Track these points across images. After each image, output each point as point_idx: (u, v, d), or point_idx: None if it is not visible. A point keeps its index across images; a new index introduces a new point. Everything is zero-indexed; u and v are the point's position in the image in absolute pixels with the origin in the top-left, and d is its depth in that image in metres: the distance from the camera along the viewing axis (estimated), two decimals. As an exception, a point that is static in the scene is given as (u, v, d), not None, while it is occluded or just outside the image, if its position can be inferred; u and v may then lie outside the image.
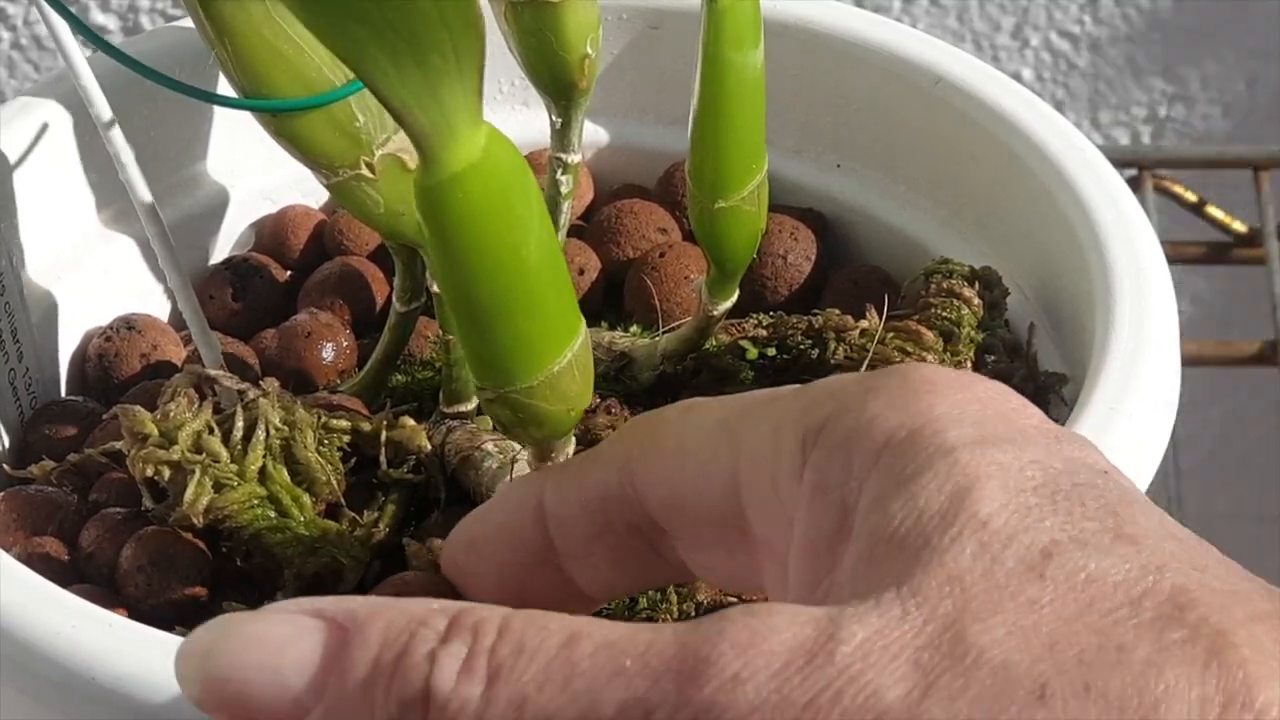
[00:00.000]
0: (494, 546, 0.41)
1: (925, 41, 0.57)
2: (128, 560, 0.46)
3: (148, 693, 0.40)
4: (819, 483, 0.34)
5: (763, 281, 0.56)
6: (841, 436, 0.34)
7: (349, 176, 0.48)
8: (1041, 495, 0.32)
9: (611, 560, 0.39)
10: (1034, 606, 0.30)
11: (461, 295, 0.39)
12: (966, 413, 0.33)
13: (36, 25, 1.01)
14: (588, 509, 0.39)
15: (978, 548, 0.31)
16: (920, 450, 0.32)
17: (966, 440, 0.32)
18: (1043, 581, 0.30)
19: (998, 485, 0.32)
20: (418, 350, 0.54)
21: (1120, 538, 0.31)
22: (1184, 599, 0.30)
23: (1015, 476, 0.32)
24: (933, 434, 0.33)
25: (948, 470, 0.32)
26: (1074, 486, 0.32)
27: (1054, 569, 0.30)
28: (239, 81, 0.47)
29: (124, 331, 0.54)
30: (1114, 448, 0.45)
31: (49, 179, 0.55)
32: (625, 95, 0.61)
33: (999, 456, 0.32)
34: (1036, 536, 0.31)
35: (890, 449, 0.33)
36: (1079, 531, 0.31)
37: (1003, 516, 0.31)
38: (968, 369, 0.50)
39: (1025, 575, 0.30)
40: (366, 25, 0.34)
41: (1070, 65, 1.01)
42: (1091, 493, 0.32)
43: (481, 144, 0.37)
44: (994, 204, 0.55)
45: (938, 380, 0.34)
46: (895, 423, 0.33)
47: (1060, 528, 0.31)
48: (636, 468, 0.38)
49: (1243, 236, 0.88)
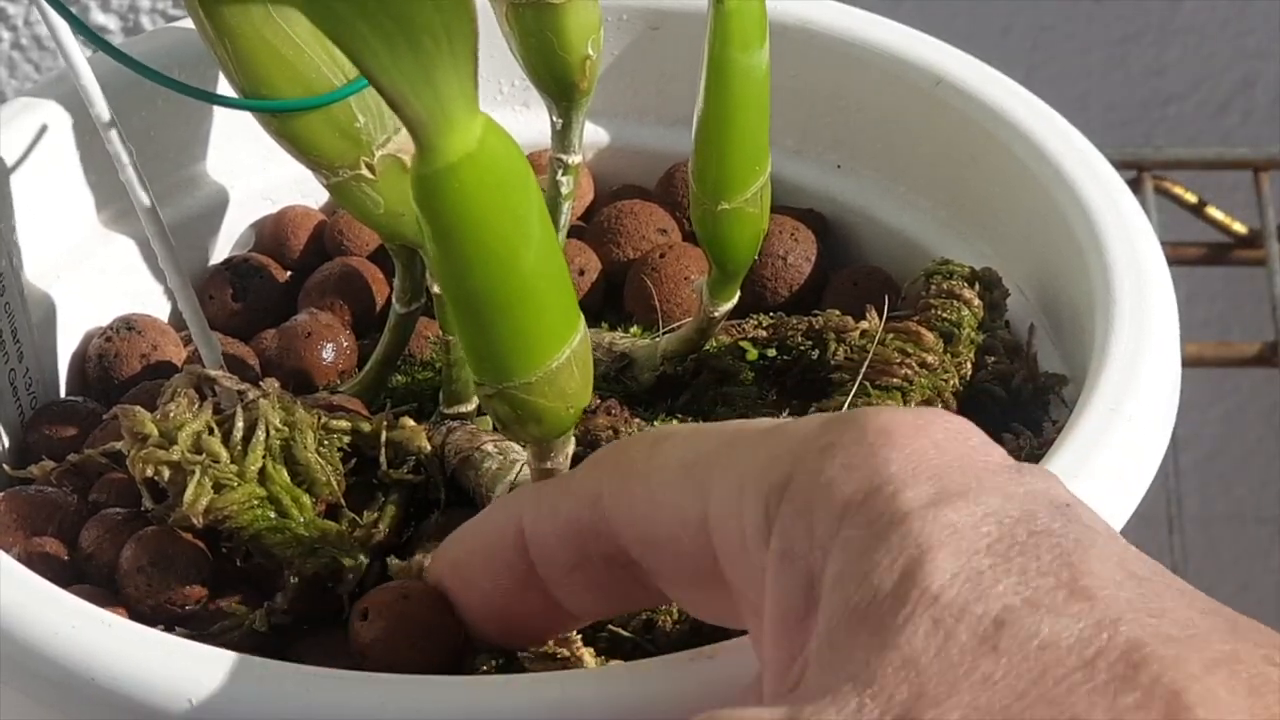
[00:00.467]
0: (477, 570, 0.41)
1: (926, 42, 0.57)
2: (127, 561, 0.46)
3: (147, 693, 0.40)
4: (784, 550, 0.34)
5: (763, 282, 0.56)
6: (802, 502, 0.34)
7: (349, 177, 0.48)
8: (995, 554, 0.32)
9: (593, 588, 0.40)
10: (988, 683, 0.30)
11: (459, 288, 0.39)
12: (922, 466, 0.33)
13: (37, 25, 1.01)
14: (565, 542, 0.39)
15: (931, 626, 0.31)
16: (875, 519, 0.33)
17: (921, 502, 0.32)
18: (996, 655, 0.30)
19: (949, 553, 0.31)
20: (418, 351, 0.54)
21: (1074, 594, 0.31)
22: (1137, 657, 0.29)
23: (969, 537, 0.32)
24: (887, 499, 0.33)
25: (900, 542, 0.32)
26: (1030, 536, 0.32)
27: (1007, 639, 0.30)
28: (239, 82, 0.47)
29: (124, 332, 0.54)
30: (1114, 449, 0.45)
31: (49, 179, 0.55)
32: (626, 96, 0.61)
33: (952, 518, 0.32)
34: (989, 605, 0.31)
35: (848, 518, 0.33)
36: (1032, 592, 0.31)
37: (954, 587, 0.31)
38: (967, 370, 0.50)
39: (979, 650, 0.30)
40: (358, 7, 0.34)
41: (1070, 66, 1.01)
42: (1047, 542, 0.32)
43: (478, 134, 0.37)
44: (994, 205, 0.55)
45: (894, 430, 0.34)
46: (852, 487, 0.33)
47: (1014, 590, 0.31)
48: (607, 506, 0.38)
49: (1243, 237, 0.88)
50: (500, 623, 0.41)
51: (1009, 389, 0.51)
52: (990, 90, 0.55)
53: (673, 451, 0.38)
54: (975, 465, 0.34)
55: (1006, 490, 0.33)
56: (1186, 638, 0.30)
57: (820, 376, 0.52)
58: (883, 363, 0.50)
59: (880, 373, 0.50)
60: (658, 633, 0.44)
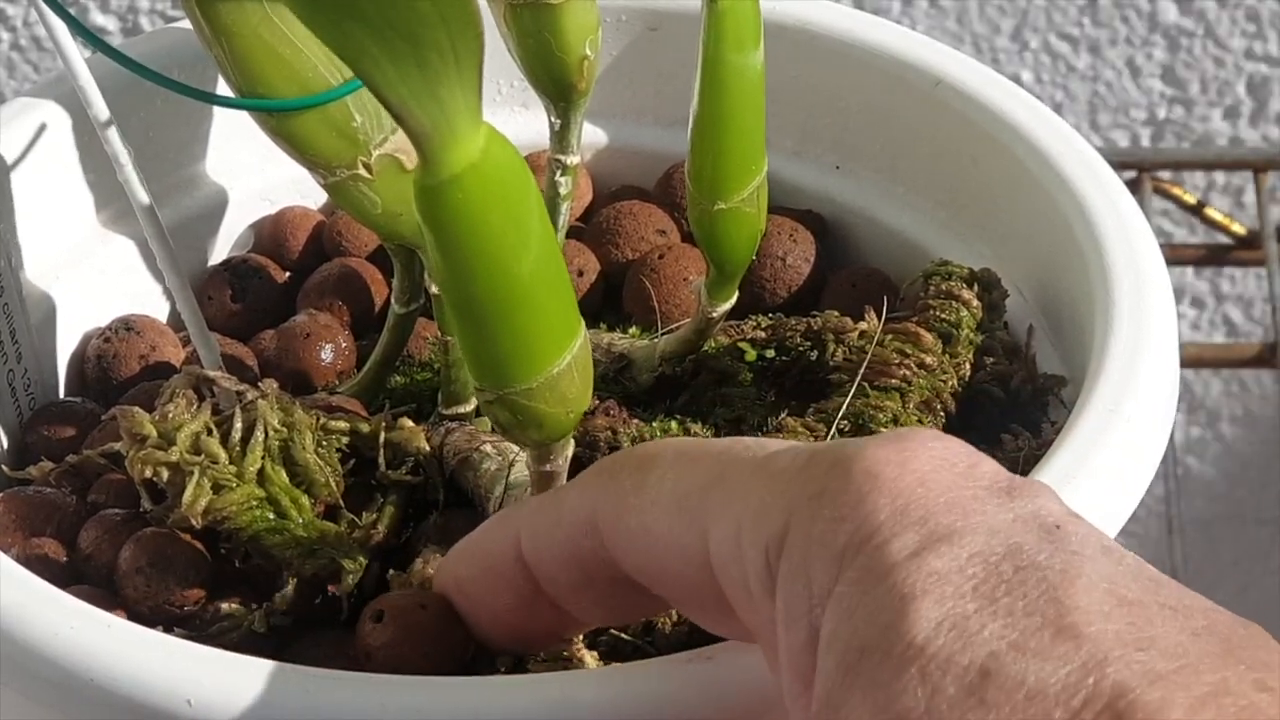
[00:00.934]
0: (483, 588, 0.41)
1: (925, 44, 0.57)
2: (126, 562, 0.46)
3: (147, 693, 0.40)
4: (789, 609, 0.34)
5: (762, 283, 0.56)
6: (799, 559, 0.34)
7: (346, 177, 0.48)
8: (981, 596, 0.31)
9: (601, 603, 0.40)
10: None
11: (461, 296, 0.39)
12: (910, 508, 0.33)
13: (36, 26, 1.01)
14: (565, 566, 0.39)
15: (918, 679, 0.31)
16: (864, 575, 0.33)
17: (907, 552, 0.32)
18: (984, 708, 0.30)
19: (933, 601, 0.31)
20: (416, 352, 0.54)
21: (1060, 632, 0.31)
22: (1123, 704, 0.29)
23: (953, 582, 0.32)
24: (874, 550, 0.33)
25: (885, 596, 0.32)
26: (1016, 572, 0.32)
27: (993, 690, 0.30)
28: (236, 82, 0.47)
29: (123, 332, 0.54)
30: (1113, 450, 0.45)
31: (48, 180, 0.55)
32: (624, 97, 0.61)
33: (936, 565, 0.32)
34: (974, 654, 0.31)
35: (841, 575, 0.33)
36: (1019, 635, 0.31)
37: (940, 637, 0.31)
38: (966, 371, 0.50)
39: (966, 703, 0.30)
40: (365, 24, 0.34)
41: (1069, 67, 1.01)
42: (1034, 577, 0.32)
43: (481, 144, 0.37)
44: (993, 206, 0.55)
45: (879, 472, 0.34)
46: (843, 540, 0.33)
47: (999, 635, 0.31)
48: (605, 535, 0.38)
49: (1242, 239, 0.88)
50: (511, 633, 0.42)
51: (1008, 390, 0.51)
52: (990, 92, 0.55)
53: (662, 483, 0.37)
54: (963, 499, 0.34)
55: (993, 523, 0.33)
56: (1174, 671, 0.30)
57: (819, 377, 0.52)
58: (881, 363, 0.50)
59: (879, 373, 0.50)
60: (657, 634, 0.44)
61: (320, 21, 0.35)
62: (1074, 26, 1.00)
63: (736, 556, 0.35)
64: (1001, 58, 1.00)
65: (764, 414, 0.51)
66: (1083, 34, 1.00)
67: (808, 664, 0.33)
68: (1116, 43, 1.00)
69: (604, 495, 0.39)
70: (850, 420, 0.49)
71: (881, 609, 0.32)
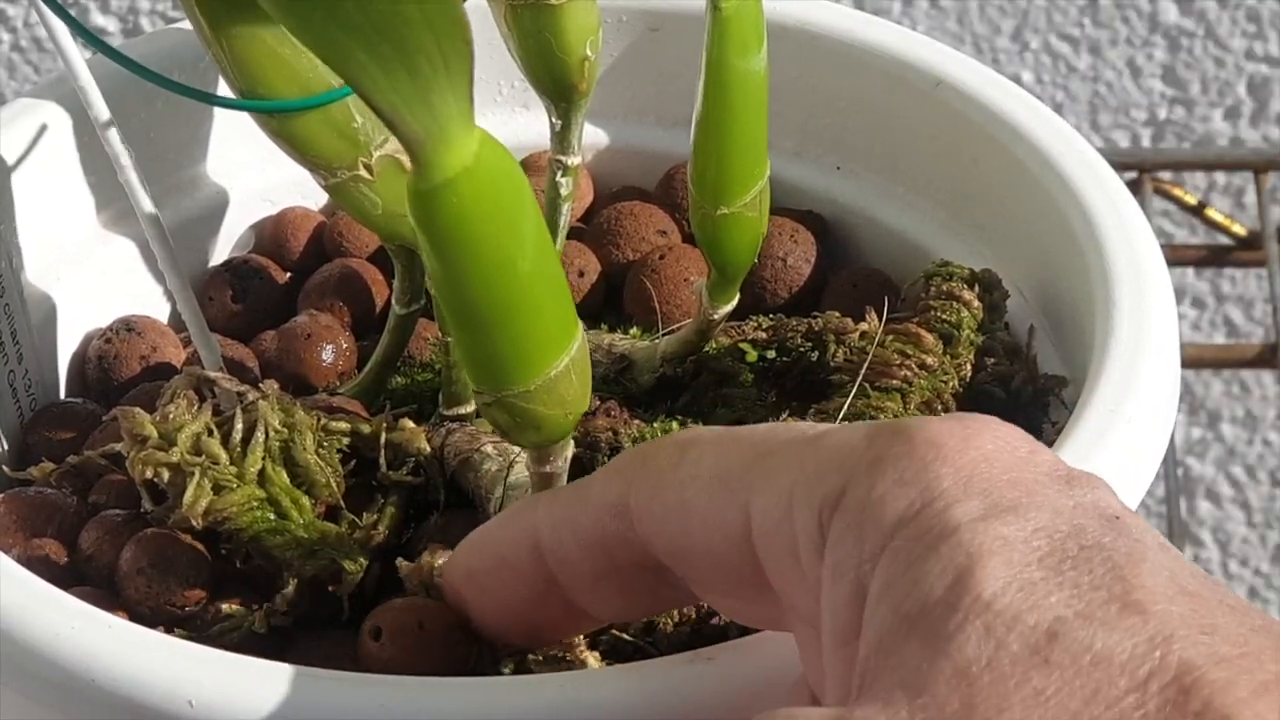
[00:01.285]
0: (494, 580, 0.41)
1: (926, 44, 0.57)
2: (127, 562, 0.46)
3: (147, 694, 0.40)
4: (837, 563, 0.34)
5: (762, 284, 0.56)
6: (853, 517, 0.34)
7: (347, 178, 0.48)
8: (1047, 567, 0.31)
9: (620, 593, 0.39)
10: (1039, 698, 0.30)
11: (457, 300, 0.39)
12: (973, 481, 0.33)
13: (37, 27, 1.01)
14: (589, 552, 0.39)
15: (983, 632, 0.30)
16: (926, 533, 0.33)
17: (971, 516, 0.32)
18: (1048, 668, 0.30)
19: (1001, 562, 0.31)
20: (417, 352, 0.54)
21: (1127, 607, 0.31)
22: (1189, 680, 0.29)
23: (1020, 550, 0.32)
24: (938, 513, 0.33)
25: (950, 552, 0.32)
26: (1081, 550, 0.32)
27: (1059, 652, 0.30)
28: (237, 83, 0.47)
29: (124, 333, 0.54)
30: (1113, 450, 0.45)
31: (48, 181, 0.55)
32: (625, 97, 0.61)
33: (1003, 530, 0.32)
34: (1041, 616, 0.31)
35: (898, 532, 0.33)
36: (1085, 605, 0.31)
37: (1007, 596, 0.31)
38: (967, 371, 0.50)
39: (1030, 661, 0.30)
40: (352, 32, 0.34)
41: (1070, 68, 1.01)
42: (1099, 556, 0.32)
43: (474, 149, 0.37)
44: (994, 207, 0.55)
45: (944, 444, 0.34)
46: (904, 503, 0.33)
47: (1066, 602, 0.31)
48: (636, 516, 0.38)
49: (1243, 239, 0.88)
50: (521, 626, 0.41)
51: (1008, 390, 0.51)
52: (990, 92, 0.55)
53: (703, 461, 0.37)
54: (1025, 478, 0.34)
55: (1056, 504, 0.33)
56: (1237, 657, 0.30)
57: (820, 378, 0.52)
58: (882, 364, 0.50)
59: (880, 374, 0.50)
60: (658, 634, 0.44)
61: (307, 31, 0.35)
62: (1074, 27, 1.00)
63: (784, 522, 0.35)
64: (1002, 58, 1.00)
65: (765, 415, 0.51)
66: (1083, 34, 1.00)
67: (851, 618, 0.33)
68: (1117, 43, 1.00)
69: (638, 474, 0.38)
70: (851, 421, 0.49)
71: (947, 563, 0.32)
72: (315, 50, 0.35)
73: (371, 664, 0.42)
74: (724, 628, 0.44)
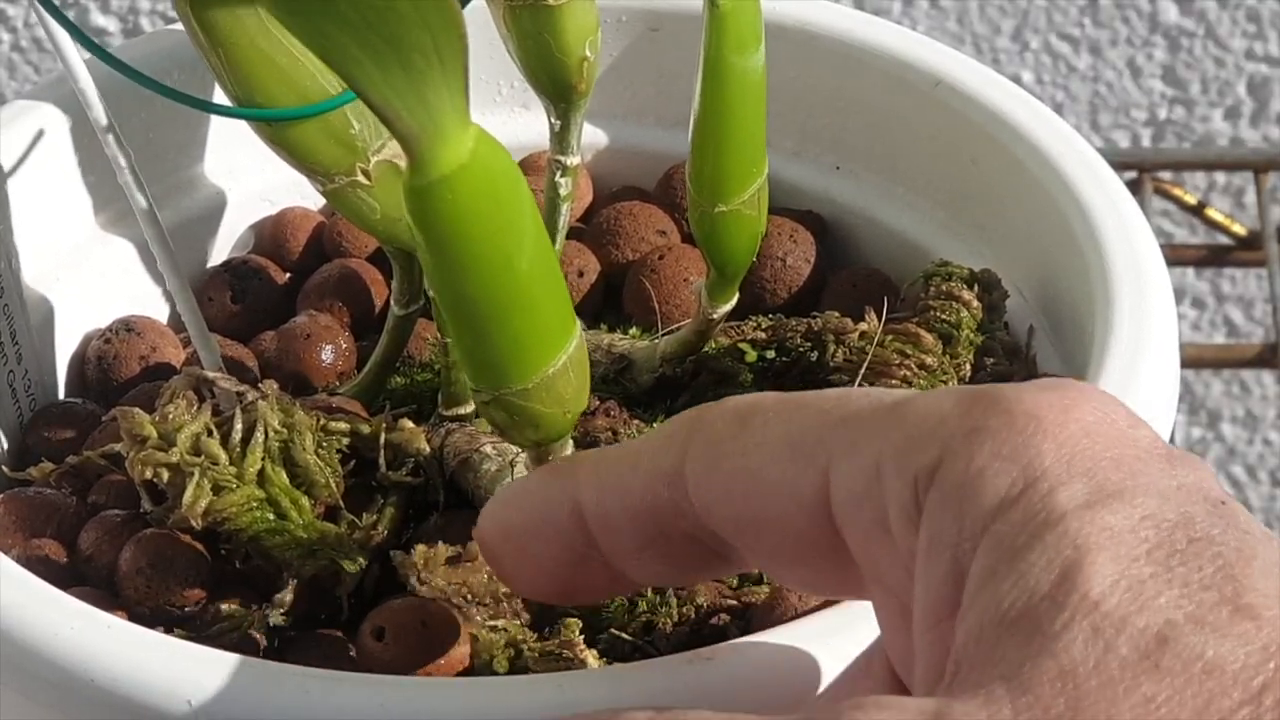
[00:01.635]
0: (531, 539, 0.39)
1: (925, 44, 0.57)
2: (127, 563, 0.46)
3: (147, 694, 0.40)
4: (933, 538, 0.33)
5: (762, 284, 0.56)
6: (951, 490, 0.33)
7: (345, 184, 0.48)
8: (1155, 562, 0.31)
9: (664, 560, 0.38)
10: (1149, 706, 0.29)
11: (454, 298, 0.39)
12: (1076, 460, 0.32)
13: (37, 28, 1.01)
14: (637, 520, 0.38)
15: (1090, 634, 0.30)
16: (1029, 518, 0.32)
17: (1076, 502, 0.31)
18: (1158, 674, 0.29)
19: (1108, 557, 0.30)
20: (416, 353, 0.54)
21: (1239, 610, 0.30)
22: None
23: (1128, 542, 0.31)
24: (1042, 496, 0.32)
25: (1056, 543, 0.31)
26: (1190, 544, 0.31)
27: (1169, 658, 0.29)
28: (234, 91, 0.47)
29: (123, 334, 0.54)
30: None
31: (48, 182, 0.55)
32: (624, 97, 0.61)
33: (1110, 520, 0.31)
34: (1151, 618, 0.30)
35: (1000, 515, 0.32)
36: (1195, 607, 0.30)
37: (1115, 595, 0.30)
38: (967, 371, 0.50)
39: (1140, 666, 0.29)
40: (347, 27, 0.34)
41: (1070, 68, 1.01)
42: (1208, 551, 0.31)
43: (470, 145, 0.37)
44: (993, 206, 0.55)
45: (1044, 415, 0.33)
46: (1005, 481, 0.32)
47: (1176, 604, 0.30)
48: (693, 485, 0.37)
49: (1243, 239, 0.88)
50: (556, 586, 0.40)
51: (1008, 390, 0.51)
52: (990, 92, 0.55)
53: (769, 428, 0.36)
54: (1128, 456, 0.32)
55: (1161, 487, 0.32)
56: None
57: (819, 378, 0.52)
58: (882, 364, 0.50)
59: (879, 374, 0.50)
60: (657, 634, 0.44)
61: (302, 27, 0.35)
62: (1075, 27, 1.00)
63: (871, 491, 0.34)
64: (1002, 58, 1.00)
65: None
66: (1083, 34, 1.00)
67: (945, 596, 0.32)
68: (1117, 43, 1.01)
69: (696, 441, 0.37)
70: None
71: (1054, 555, 0.31)
72: (310, 45, 0.35)
73: (373, 664, 0.42)
74: (724, 628, 0.44)
